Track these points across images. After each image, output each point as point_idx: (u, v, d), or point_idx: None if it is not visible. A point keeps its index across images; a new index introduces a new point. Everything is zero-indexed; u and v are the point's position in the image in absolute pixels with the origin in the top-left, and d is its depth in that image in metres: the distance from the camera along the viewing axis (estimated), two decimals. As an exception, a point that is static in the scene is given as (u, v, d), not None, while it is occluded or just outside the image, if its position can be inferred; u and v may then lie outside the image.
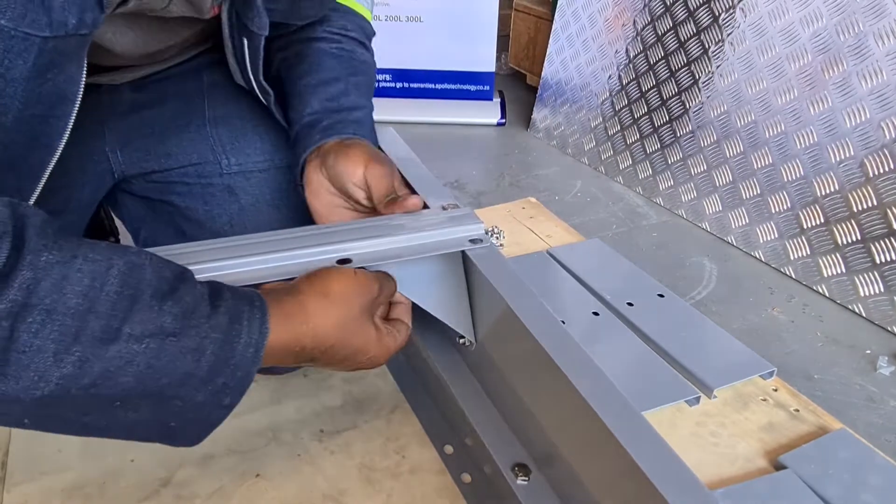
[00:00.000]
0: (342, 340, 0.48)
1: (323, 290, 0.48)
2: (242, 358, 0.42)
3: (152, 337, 0.39)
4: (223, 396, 0.43)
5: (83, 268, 0.37)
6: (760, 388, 0.72)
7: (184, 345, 0.40)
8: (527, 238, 1.01)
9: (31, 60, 0.43)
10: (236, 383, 0.43)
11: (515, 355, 0.54)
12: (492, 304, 0.55)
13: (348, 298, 0.48)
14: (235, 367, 0.42)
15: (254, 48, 0.61)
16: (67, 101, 0.48)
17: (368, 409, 0.69)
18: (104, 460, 0.62)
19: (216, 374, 0.41)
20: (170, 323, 0.39)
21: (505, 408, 0.59)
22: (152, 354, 0.39)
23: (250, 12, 0.57)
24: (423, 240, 0.56)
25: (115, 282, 0.38)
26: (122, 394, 0.39)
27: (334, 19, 0.71)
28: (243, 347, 0.42)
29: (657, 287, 0.88)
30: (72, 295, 0.36)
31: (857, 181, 1.22)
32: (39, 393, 0.36)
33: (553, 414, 0.50)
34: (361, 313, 0.49)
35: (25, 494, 0.58)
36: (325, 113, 0.65)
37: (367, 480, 0.60)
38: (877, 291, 1.21)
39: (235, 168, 0.71)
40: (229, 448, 0.64)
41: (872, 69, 1.19)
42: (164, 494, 0.59)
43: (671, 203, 1.61)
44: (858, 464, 0.62)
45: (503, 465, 0.55)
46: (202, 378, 0.41)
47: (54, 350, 0.36)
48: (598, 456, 0.44)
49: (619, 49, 1.73)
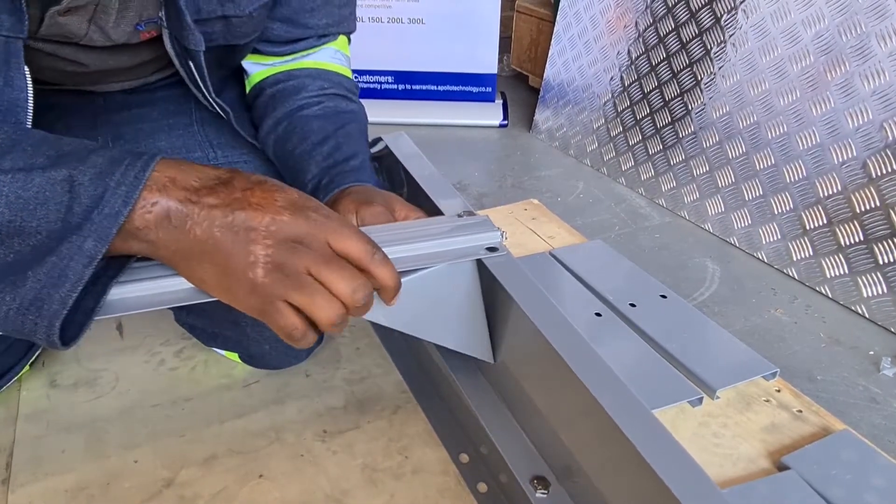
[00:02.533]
0: (229, 248, 0.41)
1: (257, 184, 0.42)
2: (113, 194, 0.39)
3: (22, 171, 0.38)
4: (86, 236, 0.39)
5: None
6: (763, 389, 0.72)
7: (52, 175, 0.39)
8: (529, 239, 1.01)
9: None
10: (101, 221, 0.39)
11: (534, 365, 0.53)
12: (509, 314, 0.54)
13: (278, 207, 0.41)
14: (104, 202, 0.39)
15: (199, 66, 0.62)
16: (19, 109, 0.49)
17: (371, 409, 0.69)
18: (108, 461, 0.62)
19: (79, 207, 0.39)
20: (42, 161, 0.39)
21: (523, 419, 0.58)
22: (20, 185, 0.38)
23: (184, 31, 0.58)
24: (438, 248, 0.55)
25: (6, 129, 0.40)
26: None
27: (309, 85, 0.72)
28: (115, 185, 0.39)
29: (660, 288, 0.88)
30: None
31: (859, 182, 1.22)
32: None
33: (574, 426, 0.49)
34: (283, 242, 0.41)
35: (29, 495, 0.59)
36: (323, 172, 0.65)
37: (370, 481, 0.61)
38: (880, 292, 1.21)
39: (223, 160, 0.73)
40: (232, 449, 0.64)
41: (875, 70, 1.19)
42: (168, 495, 0.59)
43: (673, 204, 1.60)
44: (861, 465, 0.62)
45: (521, 477, 0.54)
46: (66, 211, 0.39)
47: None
48: (620, 470, 0.43)
49: (621, 50, 1.73)
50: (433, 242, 0.55)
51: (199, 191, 0.41)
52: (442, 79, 2.24)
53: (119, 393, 0.71)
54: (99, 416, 0.67)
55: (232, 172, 0.43)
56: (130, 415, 0.68)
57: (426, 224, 0.58)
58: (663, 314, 0.82)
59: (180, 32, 0.58)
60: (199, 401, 0.70)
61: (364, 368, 0.74)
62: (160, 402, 0.69)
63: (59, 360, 0.75)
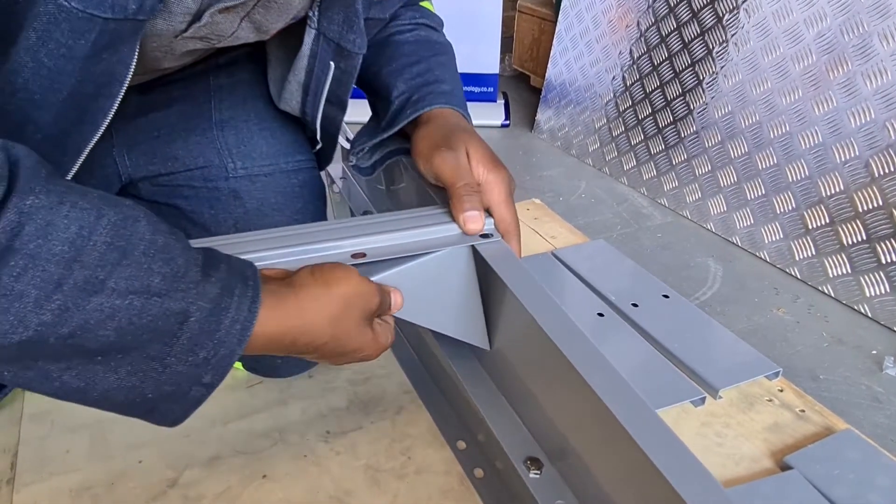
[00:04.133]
0: (336, 339, 0.47)
1: (325, 285, 0.46)
2: (228, 334, 0.41)
3: (137, 294, 0.38)
4: (203, 372, 0.41)
5: (70, 215, 0.36)
6: (766, 389, 0.72)
7: (168, 307, 0.39)
8: (531, 239, 1.01)
9: (91, 40, 0.44)
10: (218, 361, 0.41)
11: (528, 351, 0.54)
12: (502, 300, 0.55)
13: (349, 300, 0.47)
14: (219, 342, 0.40)
15: (346, 70, 0.61)
16: (117, 81, 0.50)
17: (374, 410, 0.69)
18: (112, 461, 0.62)
19: (198, 346, 0.40)
20: (157, 283, 0.38)
21: (518, 403, 0.59)
22: (135, 312, 0.38)
23: (351, 34, 0.58)
24: (432, 235, 0.56)
25: (104, 232, 0.37)
26: (101, 348, 0.38)
27: (402, 14, 0.72)
28: (230, 323, 0.41)
29: (662, 288, 0.88)
30: (57, 242, 0.35)
31: (862, 181, 1.22)
32: (17, 338, 0.35)
33: (566, 410, 0.50)
34: (360, 317, 0.48)
35: (34, 495, 0.59)
36: (413, 89, 0.64)
37: (373, 481, 0.61)
38: (883, 291, 1.21)
39: (241, 172, 0.71)
40: (236, 449, 0.64)
41: (877, 69, 1.19)
42: (172, 495, 0.59)
43: (676, 204, 1.60)
44: (865, 464, 0.62)
45: (516, 459, 0.55)
46: (185, 346, 0.40)
47: (35, 296, 0.35)
48: (611, 451, 0.44)
49: (622, 50, 1.73)
50: (427, 230, 0.56)
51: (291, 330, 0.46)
52: (444, 79, 2.24)
53: (123, 393, 0.71)
54: (103, 417, 0.68)
55: (305, 347, 0.47)
56: (134, 415, 0.68)
57: (420, 212, 0.59)
58: (666, 314, 0.82)
59: (345, 34, 0.58)
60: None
61: (367, 369, 0.74)
62: (164, 402, 0.70)
63: (64, 361, 0.75)
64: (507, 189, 0.59)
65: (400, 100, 0.64)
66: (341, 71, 0.63)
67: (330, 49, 0.61)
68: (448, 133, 0.60)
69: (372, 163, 0.71)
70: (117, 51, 0.47)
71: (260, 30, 0.58)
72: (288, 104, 0.70)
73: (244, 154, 0.71)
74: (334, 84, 0.64)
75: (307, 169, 0.75)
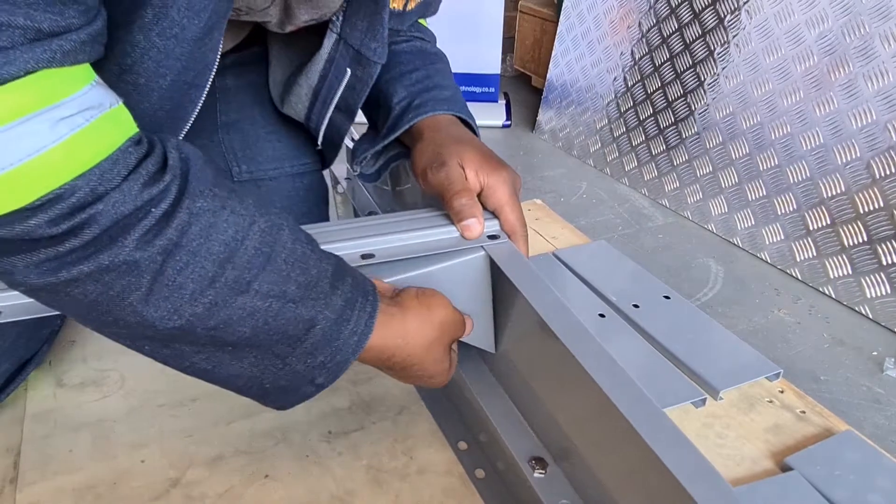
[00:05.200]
0: (423, 362, 0.51)
1: (427, 308, 0.50)
2: (345, 343, 0.45)
3: (275, 298, 0.41)
4: (318, 374, 0.45)
5: (229, 219, 0.39)
6: (766, 390, 0.72)
7: (300, 313, 0.42)
8: (532, 240, 1.01)
9: (203, 21, 0.45)
10: (333, 366, 0.45)
11: (534, 351, 0.54)
12: (510, 301, 0.55)
13: (444, 326, 0.51)
14: (336, 349, 0.44)
15: (362, 79, 0.62)
16: (208, 69, 0.51)
17: (376, 410, 0.69)
18: (115, 461, 0.63)
19: (318, 351, 0.44)
20: (293, 290, 0.42)
21: (522, 404, 0.59)
22: (272, 314, 0.41)
23: (373, 42, 0.59)
24: (442, 235, 0.57)
25: (255, 237, 0.40)
26: (236, 341, 0.41)
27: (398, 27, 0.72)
28: (349, 334, 0.45)
29: (663, 289, 0.88)
30: (216, 242, 0.39)
31: (863, 182, 1.22)
32: (171, 325, 0.39)
33: (573, 409, 0.50)
34: (447, 344, 0.52)
35: (37, 494, 0.59)
36: (413, 95, 0.65)
37: (375, 481, 0.61)
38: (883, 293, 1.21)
39: (247, 176, 0.71)
40: (238, 449, 0.64)
41: (878, 70, 1.19)
42: (174, 495, 0.59)
43: (677, 204, 1.60)
44: (865, 465, 0.62)
45: (520, 458, 0.55)
46: (306, 349, 0.43)
47: (192, 289, 0.38)
48: (618, 450, 0.44)
49: (624, 51, 1.73)
50: (434, 231, 0.57)
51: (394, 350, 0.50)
52: (445, 79, 2.24)
53: (126, 393, 0.71)
54: (106, 416, 0.68)
55: (399, 363, 0.51)
56: (137, 414, 0.68)
57: (427, 213, 0.59)
58: (667, 315, 0.82)
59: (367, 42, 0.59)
60: (206, 401, 0.70)
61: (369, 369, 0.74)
62: (167, 402, 0.70)
63: (66, 360, 0.75)
64: (509, 190, 0.59)
65: (401, 105, 0.64)
66: (357, 79, 0.63)
67: (348, 56, 0.61)
68: (439, 147, 0.60)
69: (377, 168, 0.71)
70: (212, 36, 0.48)
71: (286, 16, 0.57)
72: (293, 108, 0.70)
73: (249, 158, 0.72)
74: (347, 91, 0.64)
75: (312, 172, 0.75)
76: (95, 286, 0.36)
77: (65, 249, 0.35)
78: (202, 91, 0.52)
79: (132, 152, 0.37)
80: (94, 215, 0.34)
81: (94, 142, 0.35)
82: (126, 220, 0.35)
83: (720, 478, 0.38)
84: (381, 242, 0.55)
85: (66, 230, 0.34)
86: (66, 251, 0.35)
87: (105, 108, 0.36)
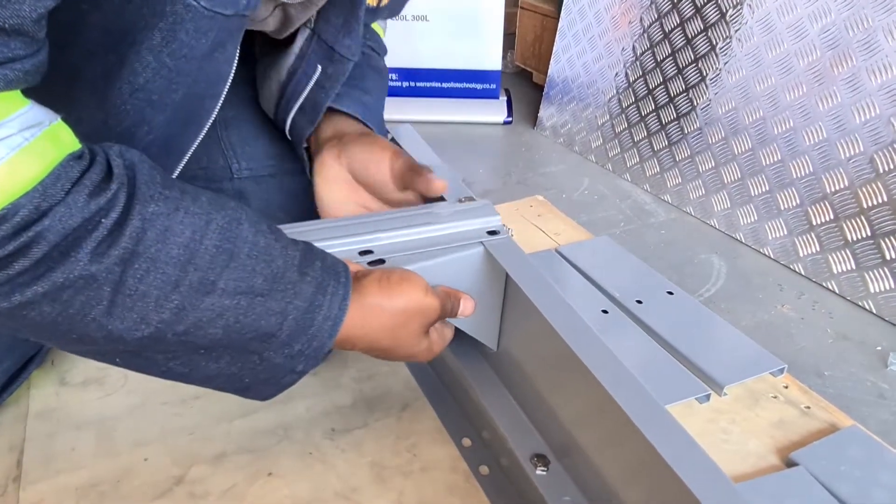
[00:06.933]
0: (391, 349, 0.51)
1: (388, 297, 0.49)
2: (320, 329, 0.45)
3: (243, 294, 0.41)
4: (297, 363, 0.45)
5: (185, 220, 0.39)
6: (771, 385, 0.72)
7: (270, 307, 0.42)
8: (535, 236, 1.01)
9: (211, 38, 0.46)
10: (311, 352, 0.45)
11: (536, 348, 0.54)
12: (511, 297, 0.55)
13: (409, 314, 0.50)
14: (313, 336, 0.44)
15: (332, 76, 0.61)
16: (222, 80, 0.51)
17: (379, 407, 0.69)
18: (118, 459, 0.63)
19: (294, 340, 0.44)
20: (260, 284, 0.42)
21: (524, 401, 0.59)
22: (241, 311, 0.41)
23: (347, 38, 0.58)
24: (441, 231, 0.57)
25: (214, 236, 0.40)
26: (209, 343, 0.41)
27: None
28: (322, 320, 0.44)
29: (666, 284, 0.88)
30: (174, 246, 0.38)
31: (866, 177, 1.22)
32: (140, 334, 0.38)
33: (574, 406, 0.50)
34: (418, 328, 0.51)
35: (41, 493, 0.59)
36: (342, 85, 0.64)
37: (379, 478, 0.61)
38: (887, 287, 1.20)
39: (246, 173, 0.71)
40: (241, 446, 0.64)
41: (882, 64, 1.18)
42: (178, 492, 0.59)
43: (679, 200, 1.60)
44: (870, 461, 0.61)
45: (522, 455, 0.55)
46: (282, 341, 0.43)
47: (156, 296, 0.38)
48: (619, 447, 0.44)
49: (625, 46, 1.72)
50: (435, 227, 0.57)
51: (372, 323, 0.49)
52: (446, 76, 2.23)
53: (128, 391, 0.71)
54: (109, 414, 0.68)
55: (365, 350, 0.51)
56: (140, 412, 0.68)
57: (428, 209, 0.59)
58: (670, 311, 0.82)
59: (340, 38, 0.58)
60: (208, 399, 0.70)
61: (372, 367, 0.75)
62: (169, 399, 0.70)
63: (69, 359, 0.75)
64: (399, 160, 0.60)
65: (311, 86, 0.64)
66: (326, 76, 0.62)
67: (321, 51, 0.60)
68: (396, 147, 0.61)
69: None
70: (225, 49, 0.49)
71: (285, 22, 0.57)
72: (266, 104, 0.69)
73: (248, 154, 0.71)
74: (315, 90, 0.63)
75: None
76: (53, 306, 0.36)
77: (14, 272, 0.34)
78: (217, 101, 0.52)
79: (73, 166, 0.36)
80: (40, 232, 0.34)
81: (34, 160, 0.34)
82: (75, 234, 0.35)
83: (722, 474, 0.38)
84: (380, 239, 0.55)
85: (14, 251, 0.33)
86: (15, 273, 0.34)
87: (44, 125, 0.36)
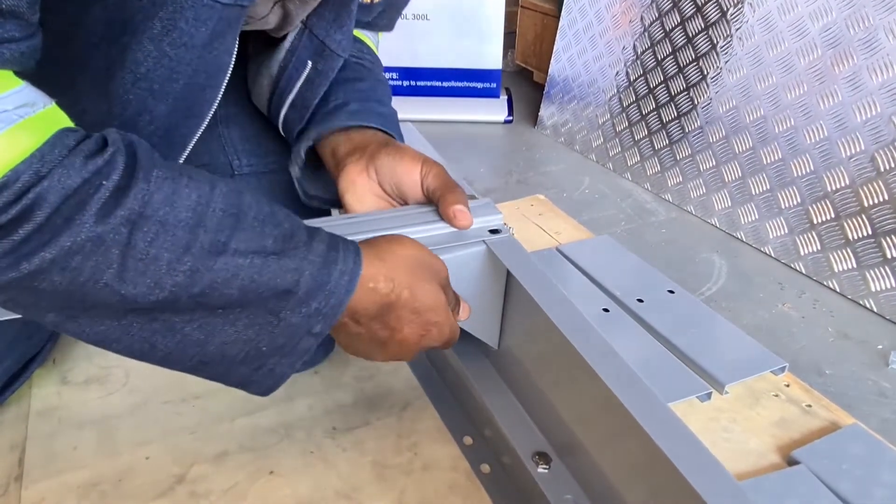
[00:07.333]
0: (414, 289, 0.48)
1: (397, 243, 0.49)
2: (337, 284, 0.44)
3: (256, 254, 0.41)
4: (315, 322, 0.44)
5: (190, 185, 0.40)
6: (772, 384, 0.72)
7: (284, 264, 0.42)
8: (536, 235, 1.01)
9: (210, 28, 0.46)
10: (328, 310, 0.44)
11: (537, 346, 0.54)
12: (513, 295, 0.55)
13: (418, 258, 0.49)
14: (330, 293, 0.44)
15: (322, 72, 0.61)
16: (222, 71, 0.52)
17: (380, 406, 0.69)
18: (119, 458, 0.63)
19: (311, 298, 0.43)
20: (271, 244, 0.42)
21: (526, 399, 0.59)
22: (256, 270, 0.41)
23: (338, 34, 0.58)
24: (443, 230, 0.57)
25: (219, 200, 0.41)
26: (225, 303, 0.41)
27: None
28: (338, 274, 0.44)
29: (667, 283, 0.88)
30: (182, 209, 0.39)
31: (867, 176, 1.22)
32: (154, 298, 0.39)
33: (576, 404, 0.50)
34: (432, 275, 0.50)
35: (42, 492, 0.59)
36: (354, 100, 0.63)
37: (380, 477, 0.61)
38: (888, 286, 1.20)
39: (247, 169, 0.71)
40: (243, 445, 0.64)
41: (883, 63, 1.18)
42: (179, 491, 0.59)
43: (680, 199, 1.60)
44: (871, 459, 0.61)
45: (524, 454, 0.55)
46: (299, 298, 0.43)
47: (168, 259, 0.38)
48: (621, 445, 0.44)
49: (626, 45, 1.72)
50: (437, 225, 0.57)
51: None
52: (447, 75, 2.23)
53: (130, 390, 0.71)
54: (110, 413, 0.68)
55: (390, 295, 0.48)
56: (141, 412, 0.68)
57: (430, 208, 0.59)
58: (671, 309, 0.82)
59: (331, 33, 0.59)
60: (209, 398, 0.70)
61: (373, 366, 0.75)
62: (171, 398, 0.70)
63: (71, 358, 0.75)
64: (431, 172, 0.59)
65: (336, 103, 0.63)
66: (316, 72, 0.62)
67: (311, 46, 0.60)
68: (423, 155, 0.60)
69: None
70: (224, 39, 0.49)
71: (284, 19, 0.57)
72: (258, 100, 0.69)
73: (249, 151, 0.71)
74: (305, 86, 0.63)
75: None
76: (63, 274, 0.36)
77: (20, 237, 0.35)
78: (217, 91, 0.52)
79: (69, 134, 0.37)
80: (40, 193, 0.35)
81: (31, 133, 0.35)
82: (77, 196, 0.36)
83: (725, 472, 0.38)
84: None
85: (17, 215, 0.34)
86: (21, 239, 0.35)
87: (39, 107, 0.37)
